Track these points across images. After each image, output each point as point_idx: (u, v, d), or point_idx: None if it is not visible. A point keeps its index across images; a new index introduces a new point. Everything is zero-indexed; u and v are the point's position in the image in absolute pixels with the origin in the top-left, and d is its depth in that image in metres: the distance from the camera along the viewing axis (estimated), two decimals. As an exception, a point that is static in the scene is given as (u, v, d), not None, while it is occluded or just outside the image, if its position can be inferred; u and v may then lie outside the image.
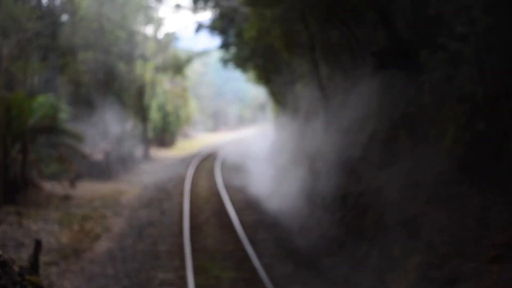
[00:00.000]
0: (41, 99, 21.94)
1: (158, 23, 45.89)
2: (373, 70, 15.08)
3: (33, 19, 21.09)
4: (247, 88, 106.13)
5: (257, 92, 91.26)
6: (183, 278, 11.70)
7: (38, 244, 7.85)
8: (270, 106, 56.55)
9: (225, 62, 43.94)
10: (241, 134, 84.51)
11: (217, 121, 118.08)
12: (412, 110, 13.46)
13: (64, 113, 22.65)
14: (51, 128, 21.52)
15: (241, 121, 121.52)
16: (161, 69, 48.01)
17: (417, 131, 12.95)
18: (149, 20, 43.15)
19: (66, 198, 21.69)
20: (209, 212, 19.45)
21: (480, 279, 8.73)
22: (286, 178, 24.47)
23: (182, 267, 12.54)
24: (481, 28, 10.64)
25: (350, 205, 15.26)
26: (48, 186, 22.93)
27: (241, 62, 41.09)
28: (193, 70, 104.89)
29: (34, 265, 7.23)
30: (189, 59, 48.57)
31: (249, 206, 21.09)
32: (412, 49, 12.85)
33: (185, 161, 40.08)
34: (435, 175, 11.37)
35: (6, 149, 19.25)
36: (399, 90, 14.55)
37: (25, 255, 12.06)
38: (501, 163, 10.13)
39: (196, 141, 74.04)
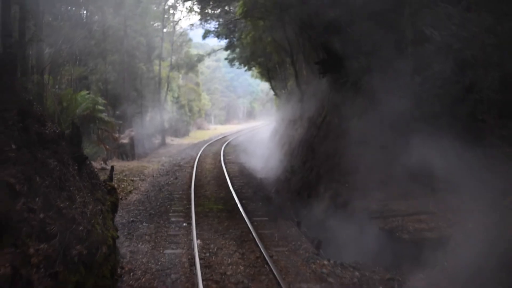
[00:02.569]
0: (83, 93, 28.50)
1: (173, 27, 52.34)
2: (319, 73, 21.70)
3: (78, 36, 27.51)
4: (256, 83, 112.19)
5: (265, 87, 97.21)
6: (188, 208, 18.36)
7: (112, 168, 14.55)
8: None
9: (230, 61, 50.00)
10: (250, 125, 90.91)
11: (228, 114, 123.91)
12: (338, 100, 20.03)
13: (100, 106, 29.09)
14: (91, 117, 27.97)
15: (251, 114, 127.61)
16: (176, 67, 54.41)
17: (341, 114, 19.51)
18: (164, 25, 49.53)
19: (102, 169, 28.38)
20: (210, 178, 26.12)
21: (362, 202, 15.12)
22: (274, 156, 31.01)
23: (188, 204, 19.19)
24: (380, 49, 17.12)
25: (307, 168, 21.82)
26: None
27: (244, 61, 47.21)
28: (206, 65, 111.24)
29: (111, 178, 13.76)
30: (199, 59, 54.69)
31: (242, 175, 27.71)
32: (340, 60, 19.34)
33: (197, 146, 46.64)
34: (347, 141, 17.95)
35: (59, 133, 25.63)
36: (337, 87, 21.07)
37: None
38: (379, 131, 16.61)
39: (208, 131, 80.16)
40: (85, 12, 36.38)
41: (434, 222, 11.97)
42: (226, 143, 49.37)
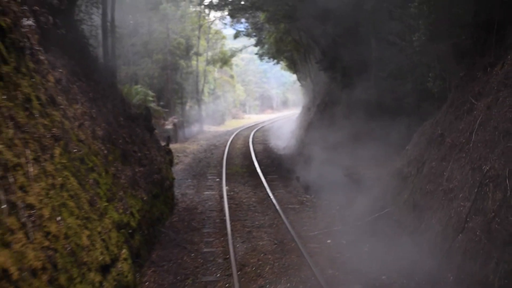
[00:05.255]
0: (137, 87, 35.37)
1: (208, 27, 58.99)
2: (319, 70, 28.13)
3: (130, 41, 34.42)
4: (289, 74, 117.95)
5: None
6: (220, 171, 25.07)
7: (168, 137, 21.41)
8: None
9: (260, 56, 56.31)
10: (282, 114, 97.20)
11: (262, 103, 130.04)
12: (334, 89, 26.44)
13: (150, 97, 35.90)
14: (143, 106, 34.77)
15: (285, 103, 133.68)
16: (211, 62, 61.11)
17: (334, 101, 25.91)
18: (201, 24, 56.12)
19: (154, 149, 35.31)
20: (239, 153, 32.88)
21: (341, 161, 21.46)
22: (294, 137, 37.58)
23: (221, 169, 25.92)
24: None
25: (312, 143, 28.30)
26: (140, 144, 36.60)
27: (272, 56, 53.59)
28: (241, 58, 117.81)
29: (168, 144, 20.52)
30: (232, 54, 61.23)
31: (265, 151, 34.40)
32: (333, 61, 25.72)
33: (230, 132, 53.44)
34: (335, 122, 24.34)
35: (119, 119, 32.70)
36: (332, 81, 27.46)
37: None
38: (356, 114, 22.95)
39: (243, 120, 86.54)
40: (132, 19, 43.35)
41: (377, 169, 18.31)
42: (256, 129, 56.17)
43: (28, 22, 9.53)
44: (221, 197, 18.81)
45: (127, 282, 9.16)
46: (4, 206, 5.88)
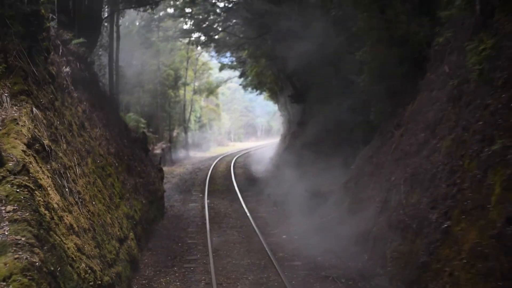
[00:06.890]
0: (130, 114, 39.21)
1: (196, 59, 63.08)
2: (291, 102, 32.28)
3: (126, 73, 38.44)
4: (273, 103, 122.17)
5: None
6: (203, 189, 28.88)
7: (160, 157, 25.21)
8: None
9: (244, 86, 60.27)
10: (266, 142, 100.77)
11: (247, 132, 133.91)
12: (303, 119, 30.52)
13: (142, 124, 39.75)
14: (139, 131, 38.62)
15: (269, 132, 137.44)
16: (198, 91, 65.08)
17: (303, 127, 29.93)
18: (189, 56, 60.20)
19: (144, 170, 39.03)
20: (221, 175, 36.76)
21: (304, 181, 25.38)
22: (271, 162, 41.53)
23: (204, 187, 29.73)
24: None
25: (284, 166, 32.24)
26: (131, 166, 40.35)
27: (255, 87, 57.63)
28: (227, 87, 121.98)
29: (160, 163, 24.33)
30: (218, 85, 65.44)
31: (244, 174, 38.30)
32: (302, 94, 29.83)
33: (215, 157, 57.18)
34: (304, 148, 28.34)
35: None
36: (305, 110, 31.55)
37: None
38: (318, 137, 26.99)
39: (228, 147, 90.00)
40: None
41: (332, 185, 22.27)
42: (239, 155, 60.01)
43: (66, 69, 13.52)
44: (203, 207, 22.66)
45: (134, 254, 12.97)
46: (67, 189, 9.70)
